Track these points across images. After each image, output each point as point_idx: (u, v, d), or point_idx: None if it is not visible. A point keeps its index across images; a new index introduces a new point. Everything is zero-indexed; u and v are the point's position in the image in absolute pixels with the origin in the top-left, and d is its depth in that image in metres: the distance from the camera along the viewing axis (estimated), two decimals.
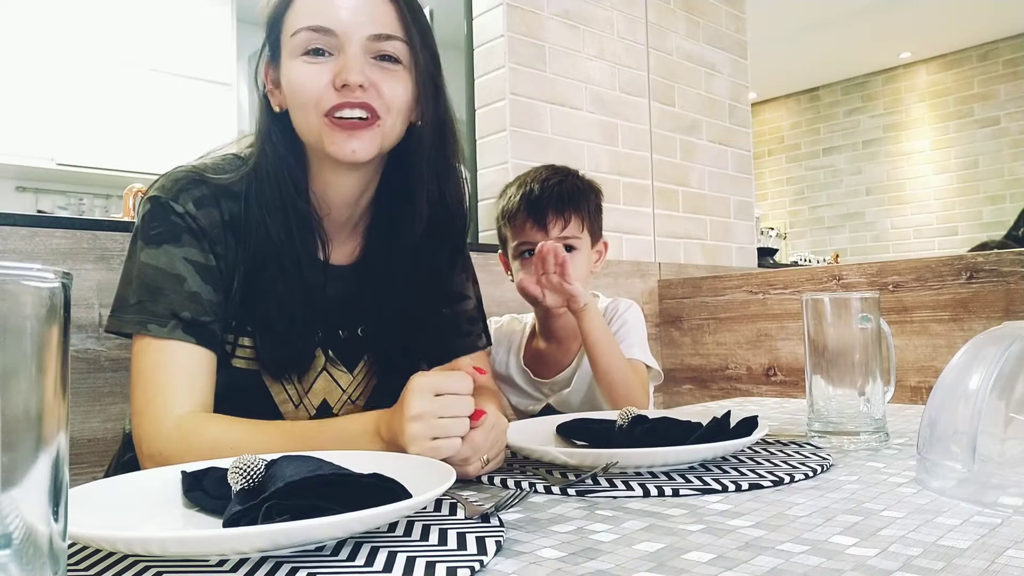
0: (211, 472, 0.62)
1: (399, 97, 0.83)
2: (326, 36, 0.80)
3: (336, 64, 0.80)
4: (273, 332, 0.86)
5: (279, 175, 0.85)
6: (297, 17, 0.82)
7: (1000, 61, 5.64)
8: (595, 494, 0.66)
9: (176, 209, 0.83)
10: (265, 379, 0.89)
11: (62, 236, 1.26)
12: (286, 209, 0.85)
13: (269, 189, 0.85)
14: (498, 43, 2.19)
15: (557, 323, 1.39)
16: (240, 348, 0.88)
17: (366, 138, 0.82)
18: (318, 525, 0.46)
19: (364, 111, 0.81)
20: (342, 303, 0.93)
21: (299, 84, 0.81)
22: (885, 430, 0.86)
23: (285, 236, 0.85)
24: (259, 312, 0.86)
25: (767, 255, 3.98)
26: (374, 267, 0.94)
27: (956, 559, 0.46)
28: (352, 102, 0.80)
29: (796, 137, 6.79)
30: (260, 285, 0.85)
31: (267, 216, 0.85)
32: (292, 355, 0.88)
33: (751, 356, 2.19)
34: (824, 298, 0.86)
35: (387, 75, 0.82)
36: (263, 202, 0.85)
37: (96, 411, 1.26)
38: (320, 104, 0.81)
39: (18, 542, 0.29)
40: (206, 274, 0.83)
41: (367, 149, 0.82)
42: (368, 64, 0.81)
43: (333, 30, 0.80)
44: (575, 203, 1.32)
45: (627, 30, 2.51)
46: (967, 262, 1.73)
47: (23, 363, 0.30)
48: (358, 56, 0.80)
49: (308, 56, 0.81)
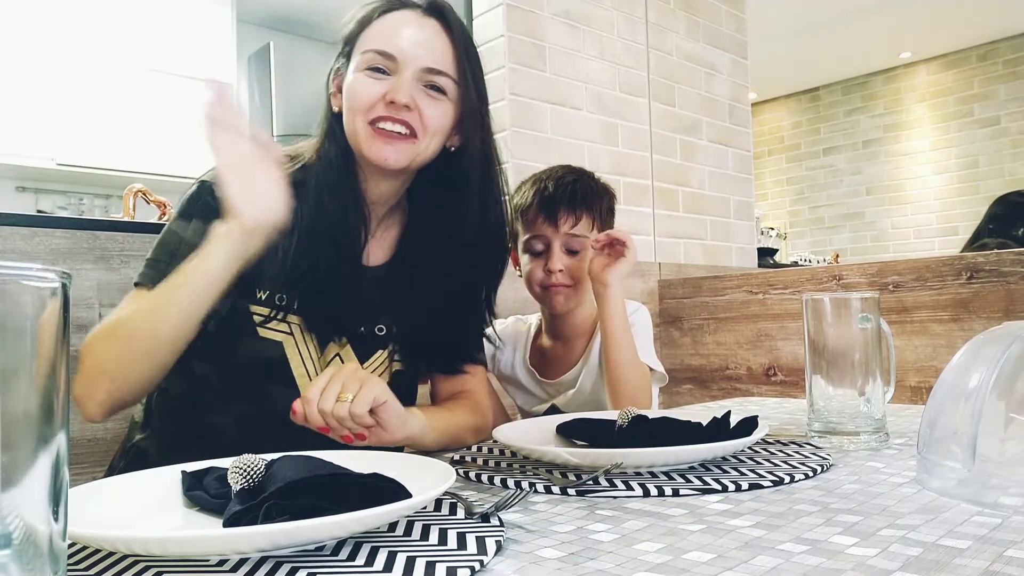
0: (211, 472, 0.62)
1: (437, 121, 0.95)
2: (388, 60, 0.93)
3: (390, 84, 0.93)
4: (322, 298, 0.95)
5: (341, 163, 0.97)
6: (370, 39, 0.95)
7: (1000, 61, 5.64)
8: (595, 494, 0.66)
9: (216, 191, 0.90)
10: (287, 351, 0.96)
11: (62, 236, 1.26)
12: (345, 192, 0.97)
13: (332, 174, 0.96)
14: (498, 43, 2.19)
15: (564, 321, 1.39)
16: (273, 320, 0.94)
17: (401, 150, 0.93)
18: (318, 525, 0.46)
19: (404, 127, 0.93)
20: (369, 300, 1.00)
21: (356, 92, 0.94)
22: (885, 430, 0.86)
23: (343, 215, 0.96)
24: (313, 280, 0.94)
25: (767, 255, 3.98)
26: (404, 271, 1.03)
27: (956, 559, 0.46)
28: (395, 117, 0.92)
29: (796, 137, 6.79)
30: (315, 258, 0.94)
31: (326, 195, 0.95)
32: (338, 317, 0.97)
33: (751, 356, 2.19)
34: (824, 298, 0.86)
35: (431, 102, 0.95)
36: (326, 184, 0.96)
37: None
38: (368, 112, 0.93)
39: (18, 542, 0.29)
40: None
41: (399, 159, 0.93)
42: (417, 90, 0.94)
43: (395, 56, 0.93)
44: (587, 202, 1.34)
45: (627, 30, 2.51)
46: (967, 262, 1.73)
47: (23, 363, 0.30)
48: (409, 81, 0.93)
49: (370, 71, 0.94)
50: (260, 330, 0.94)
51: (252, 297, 0.93)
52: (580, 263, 1.33)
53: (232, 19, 4.03)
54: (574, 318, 1.39)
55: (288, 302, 0.94)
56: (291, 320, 0.95)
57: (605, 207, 1.38)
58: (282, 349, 0.95)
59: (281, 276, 0.93)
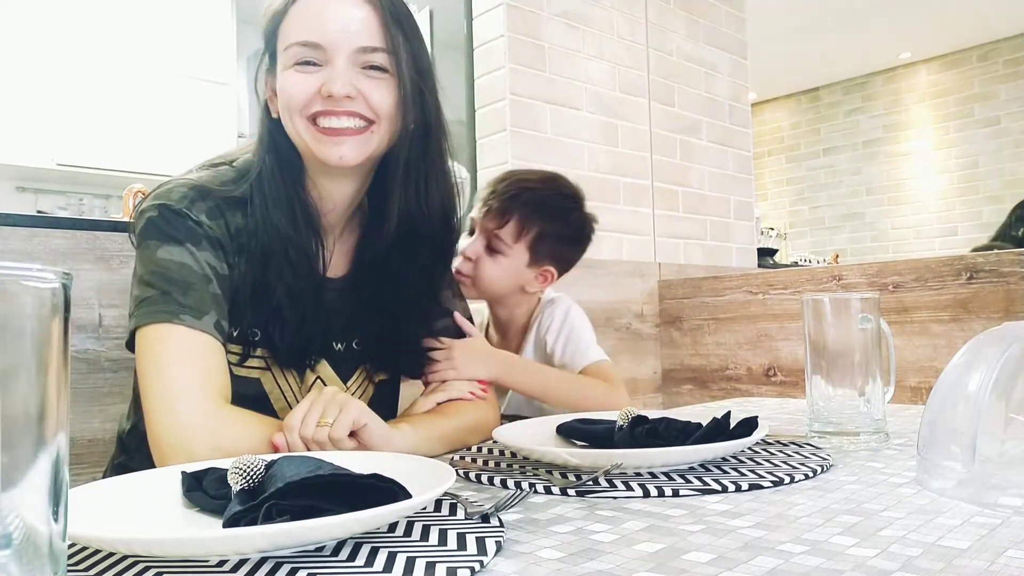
0: (211, 472, 0.62)
1: (387, 102, 0.87)
2: (315, 50, 0.84)
3: (324, 75, 0.84)
4: (284, 321, 0.88)
5: (283, 173, 0.89)
6: (289, 32, 0.86)
7: (1000, 61, 5.63)
8: (595, 494, 0.66)
9: (192, 216, 0.84)
10: (265, 386, 0.91)
11: (62, 236, 1.26)
12: (292, 204, 0.88)
13: (274, 187, 0.88)
14: (498, 43, 2.19)
15: (498, 313, 1.32)
16: (249, 358, 0.89)
17: (354, 144, 0.86)
18: (318, 525, 0.46)
19: (353, 119, 0.85)
20: (338, 315, 0.95)
21: (289, 92, 0.85)
22: (885, 430, 0.86)
23: (293, 230, 0.88)
24: (271, 303, 0.87)
25: (767, 255, 3.98)
26: (363, 279, 0.96)
27: (956, 559, 0.46)
28: (337, 111, 0.84)
29: (796, 137, 6.79)
30: (270, 278, 0.87)
31: (273, 211, 0.87)
32: (303, 343, 0.90)
33: (751, 356, 2.19)
34: (824, 298, 0.86)
35: (375, 84, 0.86)
36: (271, 198, 0.88)
37: (96, 411, 1.26)
38: (304, 110, 0.85)
39: (18, 542, 0.29)
40: (223, 282, 0.85)
41: (355, 155, 0.86)
42: (356, 74, 0.85)
43: (321, 44, 0.84)
44: (524, 213, 1.23)
45: (627, 30, 2.52)
46: (967, 262, 1.73)
47: (23, 363, 0.30)
48: (344, 68, 0.84)
49: (299, 67, 0.85)
50: (235, 369, 0.87)
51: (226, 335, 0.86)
52: (488, 267, 1.24)
53: (232, 19, 4.03)
54: (508, 311, 1.31)
55: (259, 336, 0.89)
56: (264, 355, 0.90)
57: (549, 229, 1.24)
58: (260, 386, 0.90)
59: (241, 307, 0.86)
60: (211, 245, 0.84)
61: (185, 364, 0.78)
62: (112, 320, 1.28)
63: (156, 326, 0.79)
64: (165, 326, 0.79)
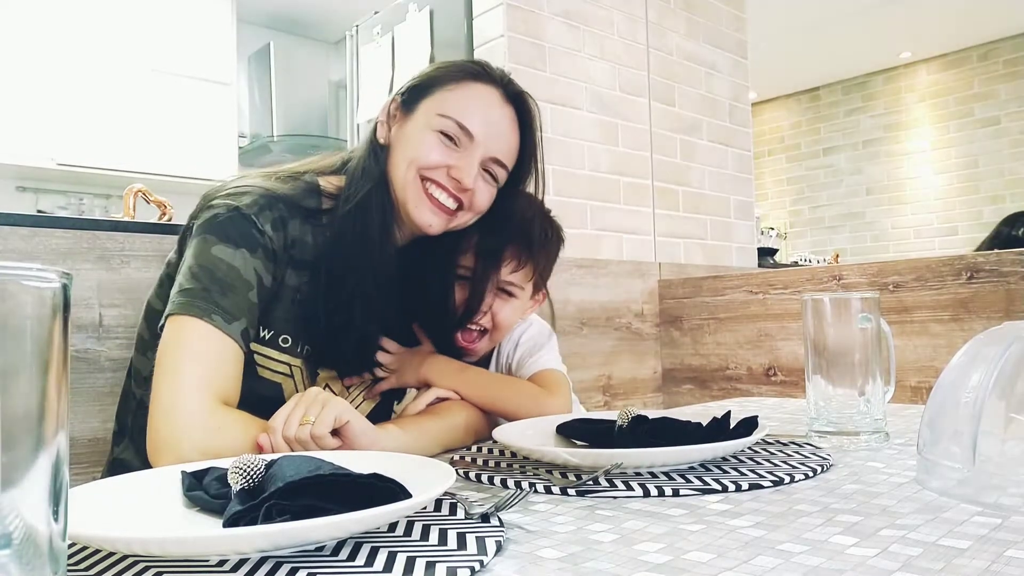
0: (211, 472, 0.62)
1: (482, 204, 0.99)
2: (464, 135, 0.95)
3: (458, 158, 0.95)
4: (339, 344, 0.95)
5: (378, 207, 0.96)
6: (451, 104, 0.96)
7: (1000, 61, 5.63)
8: (595, 494, 0.66)
9: (258, 224, 0.88)
10: (285, 393, 0.94)
11: (62, 236, 1.26)
12: (383, 242, 0.96)
13: (367, 221, 0.95)
14: (498, 43, 2.19)
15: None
16: (274, 361, 0.93)
17: (444, 220, 0.97)
18: (318, 525, 0.46)
19: (454, 201, 0.96)
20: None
21: (422, 150, 0.94)
22: (885, 430, 0.86)
23: (375, 267, 0.95)
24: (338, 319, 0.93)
25: (767, 255, 3.98)
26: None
27: (956, 559, 0.46)
28: (452, 192, 0.95)
29: (796, 137, 6.79)
30: (342, 308, 0.94)
31: (359, 246, 0.94)
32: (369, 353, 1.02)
33: (751, 356, 2.19)
34: (824, 298, 0.86)
35: (485, 187, 0.99)
36: (361, 233, 0.94)
37: (96, 411, 1.26)
38: (424, 169, 0.94)
39: (18, 542, 0.29)
40: (262, 291, 0.89)
41: (440, 227, 0.97)
42: (478, 172, 0.97)
43: (473, 136, 0.95)
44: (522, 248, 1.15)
45: (627, 30, 2.51)
46: (967, 262, 1.73)
47: (23, 363, 0.30)
48: (476, 164, 0.95)
49: (442, 136, 0.95)
50: (260, 370, 0.92)
51: (256, 335, 0.90)
52: (505, 311, 1.13)
53: (232, 19, 4.03)
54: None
55: (293, 345, 0.93)
56: (292, 363, 0.94)
57: (540, 261, 1.17)
58: (279, 391, 0.94)
59: (299, 322, 0.93)
60: (265, 255, 0.88)
61: (200, 364, 0.81)
62: (112, 320, 1.28)
63: (187, 318, 0.82)
64: (195, 320, 0.82)
